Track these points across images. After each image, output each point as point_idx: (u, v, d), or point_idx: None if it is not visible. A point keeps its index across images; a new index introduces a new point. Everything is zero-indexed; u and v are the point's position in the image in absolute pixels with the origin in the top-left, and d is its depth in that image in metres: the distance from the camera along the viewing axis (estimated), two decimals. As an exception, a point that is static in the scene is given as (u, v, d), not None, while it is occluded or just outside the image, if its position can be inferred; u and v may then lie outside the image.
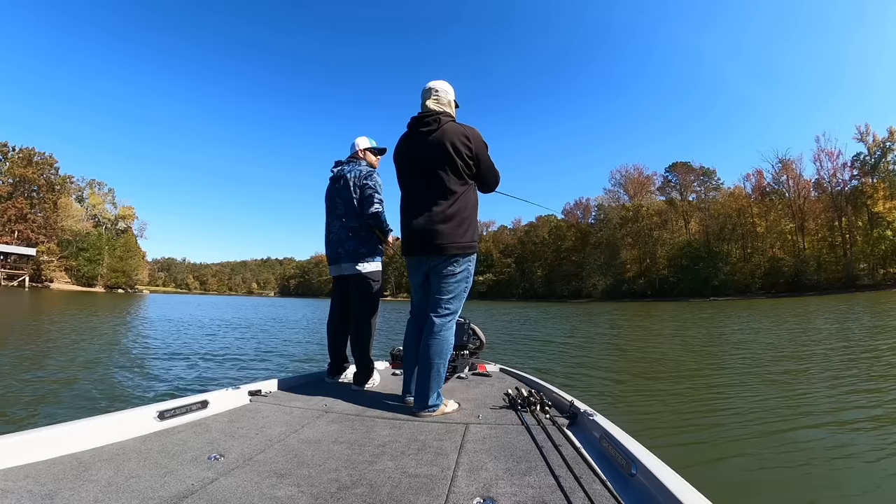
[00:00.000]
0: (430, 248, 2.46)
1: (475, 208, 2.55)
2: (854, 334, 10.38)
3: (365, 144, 3.36)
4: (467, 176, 2.48)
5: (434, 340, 2.41)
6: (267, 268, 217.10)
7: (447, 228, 2.42)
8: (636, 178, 73.78)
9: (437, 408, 2.37)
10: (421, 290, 2.64)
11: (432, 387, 2.37)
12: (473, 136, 2.47)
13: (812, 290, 48.42)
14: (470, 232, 2.48)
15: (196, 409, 2.20)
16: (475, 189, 2.59)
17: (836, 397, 4.69)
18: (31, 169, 66.58)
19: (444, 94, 2.59)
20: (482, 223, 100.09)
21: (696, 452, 3.32)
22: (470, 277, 2.56)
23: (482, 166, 2.52)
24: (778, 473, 2.89)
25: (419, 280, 2.63)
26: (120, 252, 74.86)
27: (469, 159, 2.45)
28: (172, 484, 1.40)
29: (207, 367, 6.85)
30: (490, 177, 2.60)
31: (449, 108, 2.58)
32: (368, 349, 3.12)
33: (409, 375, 2.60)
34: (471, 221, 2.50)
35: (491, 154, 2.58)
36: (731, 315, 20.14)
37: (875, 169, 53.23)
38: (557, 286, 76.66)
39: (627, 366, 7.59)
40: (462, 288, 2.53)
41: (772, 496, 2.62)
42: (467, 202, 2.49)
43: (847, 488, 2.67)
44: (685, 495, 1.17)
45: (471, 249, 2.50)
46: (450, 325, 2.48)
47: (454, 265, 2.47)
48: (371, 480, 1.48)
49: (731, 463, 3.10)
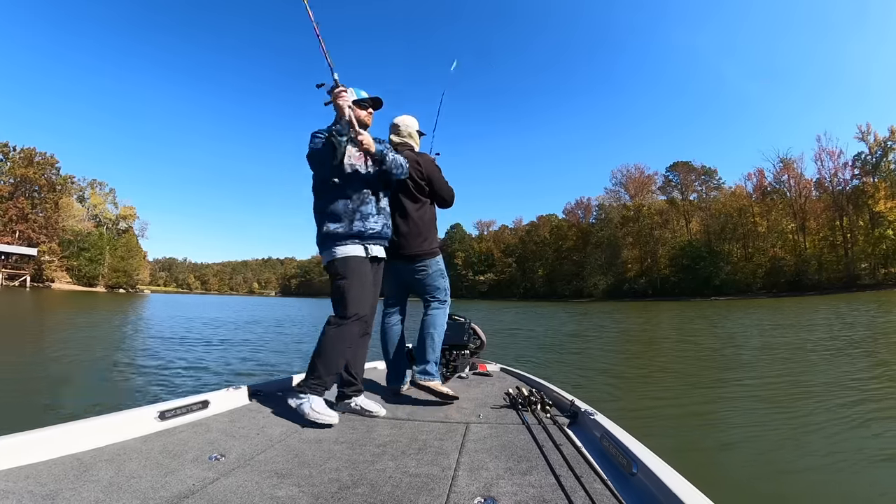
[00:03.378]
0: (399, 257, 2.87)
1: (433, 221, 3.00)
2: (858, 333, 10.37)
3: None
4: (420, 195, 2.91)
5: (428, 316, 2.88)
6: (268, 267, 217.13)
7: (410, 240, 2.87)
8: (637, 177, 73.66)
9: (432, 378, 2.68)
10: (394, 291, 3.03)
11: (429, 354, 2.76)
12: (424, 161, 2.92)
13: (813, 290, 48.29)
14: (429, 241, 2.93)
15: (197, 409, 2.20)
16: (431, 206, 3.01)
17: (838, 397, 4.68)
18: (33, 169, 66.56)
19: (405, 127, 3.00)
20: (483, 222, 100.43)
21: (697, 451, 3.32)
22: (444, 272, 3.00)
23: (435, 186, 2.93)
24: (779, 473, 2.88)
25: (393, 282, 3.00)
26: (121, 252, 74.84)
27: (421, 181, 2.88)
28: (173, 484, 1.40)
29: (208, 367, 6.86)
30: (444, 194, 3.00)
31: (410, 139, 3.00)
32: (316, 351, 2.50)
33: (391, 365, 2.97)
34: (429, 232, 2.95)
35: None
36: (733, 315, 20.10)
37: (876, 168, 53.08)
38: (558, 286, 76.56)
39: (628, 365, 7.59)
40: (441, 281, 2.95)
41: (772, 495, 2.61)
42: (422, 217, 2.92)
43: (848, 489, 2.67)
44: (686, 494, 1.17)
45: (433, 253, 2.94)
46: (440, 308, 2.93)
47: (425, 266, 2.91)
48: (372, 480, 1.48)
49: (732, 462, 3.10)
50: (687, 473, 1.30)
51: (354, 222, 2.46)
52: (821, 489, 2.68)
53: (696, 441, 3.57)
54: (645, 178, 73.44)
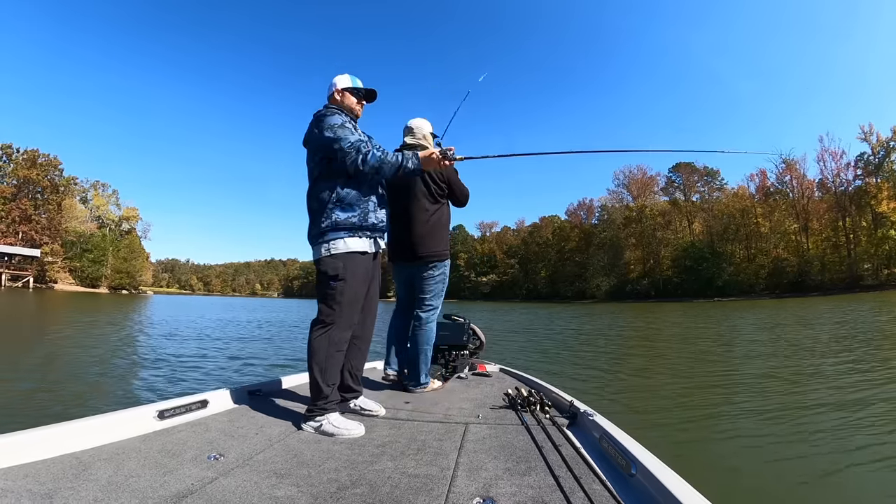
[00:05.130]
0: (412, 257, 2.97)
1: (447, 223, 3.09)
2: (861, 333, 10.33)
3: (344, 83, 2.43)
4: (440, 196, 3.00)
5: (421, 331, 2.95)
6: (271, 269, 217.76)
7: (425, 241, 2.94)
8: (640, 178, 73.58)
9: (427, 385, 2.95)
10: (405, 290, 3.15)
11: (422, 368, 2.94)
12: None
13: (816, 291, 48.12)
14: (443, 243, 3.02)
15: (196, 408, 2.20)
16: (447, 207, 3.09)
17: (841, 397, 4.66)
18: (36, 170, 66.85)
19: (419, 130, 3.06)
20: (485, 224, 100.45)
21: (696, 452, 3.31)
22: (446, 278, 3.09)
23: (453, 187, 3.04)
24: (779, 473, 2.87)
25: (403, 282, 3.13)
26: (124, 253, 75.07)
27: (441, 183, 2.98)
28: (172, 483, 1.40)
29: (207, 367, 6.87)
30: (460, 195, 3.10)
31: (424, 141, 3.04)
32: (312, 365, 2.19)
33: (391, 355, 3.17)
34: (444, 234, 3.04)
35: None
36: (735, 316, 20.05)
37: (879, 169, 52.91)
38: (561, 287, 76.47)
39: (628, 366, 7.57)
40: (441, 288, 3.04)
41: (773, 496, 2.60)
42: (440, 219, 3.01)
43: (852, 490, 2.65)
44: (685, 495, 1.16)
45: (444, 256, 3.03)
46: (433, 318, 3.01)
47: (433, 269, 2.99)
48: (371, 480, 1.48)
49: (731, 463, 3.08)
50: (686, 474, 1.29)
51: (369, 213, 2.26)
52: (823, 490, 2.66)
53: (696, 442, 3.56)
54: (647, 178, 73.39)
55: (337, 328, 2.19)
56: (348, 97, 2.41)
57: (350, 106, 2.41)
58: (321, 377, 2.13)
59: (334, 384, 2.19)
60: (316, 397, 2.12)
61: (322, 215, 2.22)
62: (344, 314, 2.20)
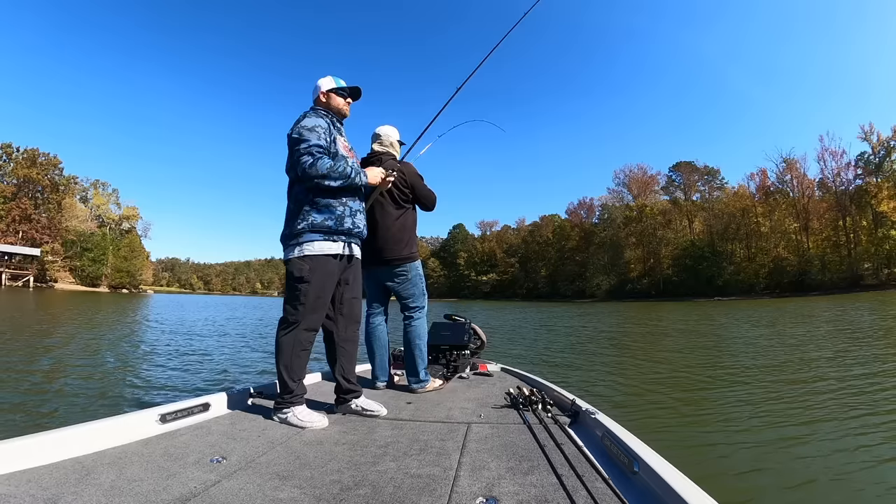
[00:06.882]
0: (379, 262, 3.01)
1: (413, 226, 3.13)
2: (862, 333, 10.33)
3: (328, 85, 2.47)
4: (403, 202, 3.02)
5: (412, 328, 3.03)
6: (271, 268, 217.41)
7: (391, 245, 2.99)
8: (640, 177, 73.63)
9: (427, 383, 2.96)
10: (374, 293, 3.18)
11: (420, 364, 2.95)
12: (408, 170, 3.02)
13: (816, 290, 48.14)
14: (409, 246, 3.05)
15: (198, 411, 2.20)
16: (414, 211, 3.13)
17: (842, 397, 4.66)
18: (36, 170, 66.86)
19: (387, 137, 3.11)
20: (486, 223, 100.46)
21: (699, 450, 3.31)
22: (421, 277, 3.15)
23: (417, 192, 3.06)
24: (780, 472, 2.87)
25: (374, 285, 3.15)
26: (124, 252, 75.10)
27: (405, 188, 2.99)
28: (175, 487, 1.40)
29: (209, 369, 6.87)
30: (426, 200, 3.11)
31: (392, 148, 3.11)
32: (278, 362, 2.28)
33: (377, 362, 3.11)
34: (410, 237, 3.07)
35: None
36: (735, 315, 20.05)
37: (879, 168, 52.95)
38: (561, 286, 76.52)
39: (629, 364, 7.56)
40: (418, 288, 3.10)
41: (774, 494, 2.60)
42: (405, 223, 3.04)
43: (854, 487, 2.65)
44: (688, 493, 1.16)
45: (412, 258, 3.07)
46: (421, 316, 3.08)
47: (403, 272, 3.05)
48: (373, 481, 1.48)
49: (734, 461, 3.08)
50: (689, 472, 1.29)
51: (345, 218, 2.32)
52: (825, 487, 2.66)
53: (698, 440, 3.55)
54: (648, 178, 73.43)
55: (301, 328, 2.27)
56: (334, 98, 2.46)
57: (337, 107, 2.47)
58: (287, 374, 2.25)
59: (300, 379, 2.28)
60: (283, 391, 2.26)
61: (298, 217, 2.28)
62: (307, 315, 2.26)
